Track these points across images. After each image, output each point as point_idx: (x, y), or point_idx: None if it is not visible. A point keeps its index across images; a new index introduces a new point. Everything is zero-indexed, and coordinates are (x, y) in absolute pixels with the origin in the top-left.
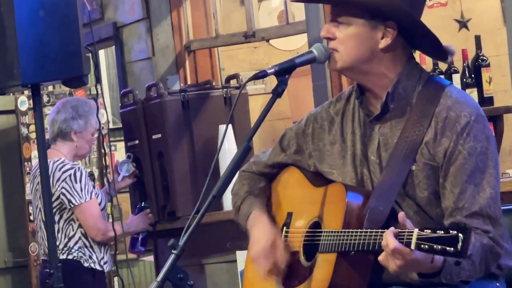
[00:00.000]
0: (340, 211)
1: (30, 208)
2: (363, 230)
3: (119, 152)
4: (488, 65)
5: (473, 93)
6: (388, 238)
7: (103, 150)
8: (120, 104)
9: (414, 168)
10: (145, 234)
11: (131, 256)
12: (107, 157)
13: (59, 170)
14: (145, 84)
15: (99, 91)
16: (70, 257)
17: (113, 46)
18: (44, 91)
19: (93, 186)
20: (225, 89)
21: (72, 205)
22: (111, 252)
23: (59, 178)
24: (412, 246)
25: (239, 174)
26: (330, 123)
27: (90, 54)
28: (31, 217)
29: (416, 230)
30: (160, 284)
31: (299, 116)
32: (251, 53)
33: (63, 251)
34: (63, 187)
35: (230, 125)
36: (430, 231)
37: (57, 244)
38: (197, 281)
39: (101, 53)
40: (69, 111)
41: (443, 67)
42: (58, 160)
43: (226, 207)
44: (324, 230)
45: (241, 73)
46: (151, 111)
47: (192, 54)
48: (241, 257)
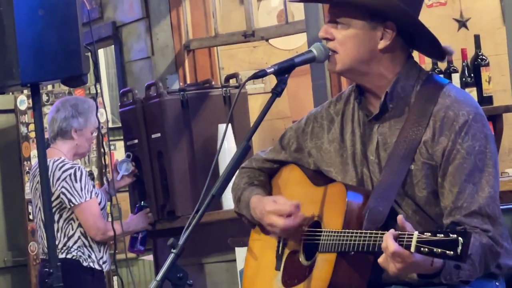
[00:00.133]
0: (340, 211)
1: (30, 207)
2: (363, 231)
3: (119, 151)
4: (488, 65)
5: (473, 93)
6: (388, 241)
7: (103, 149)
8: (120, 104)
9: (413, 168)
10: (145, 234)
11: (131, 256)
12: (107, 156)
13: (59, 170)
14: (145, 84)
15: (99, 90)
16: (69, 257)
17: (113, 46)
18: (44, 90)
19: (93, 186)
20: (225, 89)
21: (72, 205)
22: (111, 252)
23: (59, 178)
24: (412, 249)
25: (239, 171)
26: (330, 123)
27: (90, 54)
28: (31, 216)
29: (416, 233)
30: (160, 283)
31: (299, 116)
32: (251, 53)
33: (62, 251)
34: (63, 187)
35: (230, 125)
36: (430, 234)
37: (57, 244)
38: (197, 280)
39: (101, 53)
40: (69, 110)
41: (443, 67)
42: (58, 160)
43: (226, 207)
44: (324, 230)
45: (241, 73)
46: (151, 111)
47: (192, 54)
48: (241, 256)
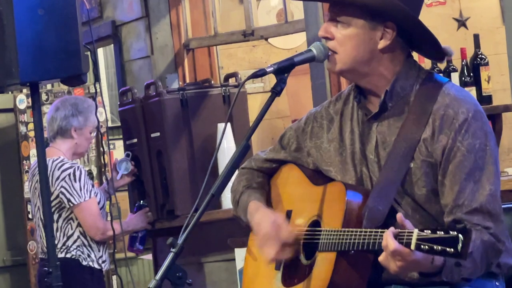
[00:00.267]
0: (340, 210)
1: (29, 207)
2: (363, 230)
3: (118, 151)
4: (487, 64)
5: (472, 92)
6: (388, 239)
7: (102, 149)
8: (119, 103)
9: (412, 166)
10: (144, 233)
11: (130, 255)
12: (106, 156)
13: (58, 169)
14: (144, 83)
15: (98, 90)
16: (69, 256)
17: (112, 45)
18: (43, 90)
19: (92, 185)
20: (224, 88)
21: (72, 204)
22: (110, 251)
23: (58, 177)
24: (412, 247)
25: (238, 171)
26: (330, 122)
27: (89, 53)
28: (30, 216)
29: (416, 231)
30: (159, 283)
31: (298, 115)
32: (250, 52)
33: (62, 250)
34: (62, 186)
35: (229, 124)
36: (430, 232)
37: (56, 243)
38: (196, 280)
39: (100, 52)
40: (69, 108)
41: (442, 66)
42: (57, 159)
43: (225, 206)
44: (324, 229)
45: (240, 72)
46: (150, 110)
47: (191, 53)
48: (240, 255)
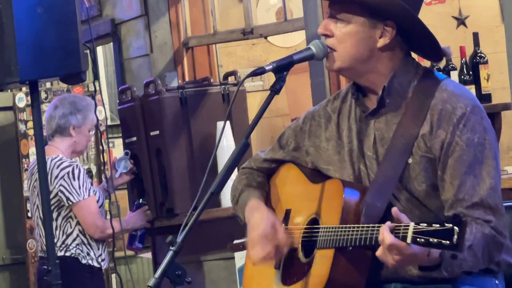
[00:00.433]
0: (338, 207)
1: (28, 205)
2: (360, 225)
3: (117, 149)
4: (486, 62)
5: (471, 90)
6: (384, 233)
7: (101, 147)
8: (118, 101)
9: (411, 162)
10: (143, 231)
11: (129, 253)
12: (105, 154)
13: (57, 168)
14: (143, 81)
15: (97, 88)
16: (68, 254)
17: (111, 43)
18: (42, 88)
19: (91, 183)
20: (223, 86)
21: (70, 203)
22: (109, 249)
23: (57, 176)
24: (408, 240)
25: (239, 171)
26: (327, 121)
27: (88, 51)
28: (29, 214)
29: (412, 224)
30: (158, 281)
31: (297, 113)
32: (249, 50)
33: (61, 248)
34: (61, 185)
35: (228, 122)
36: (426, 225)
37: (55, 241)
38: (195, 278)
39: (99, 50)
40: (67, 107)
41: (441, 65)
42: (56, 158)
43: (224, 204)
44: (322, 226)
45: (239, 70)
46: (149, 108)
47: (190, 51)
48: (239, 254)
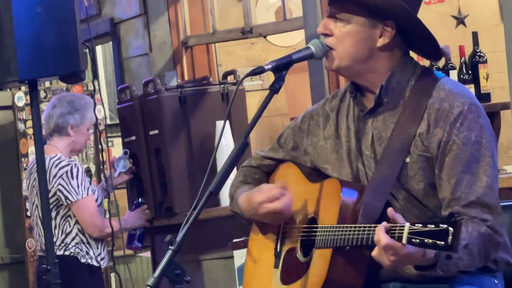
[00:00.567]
0: (335, 207)
1: (27, 204)
2: (357, 225)
3: (116, 148)
4: (485, 62)
5: (470, 89)
6: (380, 234)
7: (100, 146)
8: (117, 100)
9: (409, 161)
10: (142, 230)
11: (129, 252)
12: (104, 153)
13: (56, 167)
14: (142, 80)
15: (96, 87)
16: (67, 253)
17: (110, 42)
18: (41, 87)
19: (90, 182)
20: (222, 85)
21: (69, 202)
22: (108, 248)
23: (56, 175)
24: (404, 241)
25: (238, 170)
26: (325, 120)
27: (87, 50)
28: (28, 213)
29: (408, 225)
30: (158, 280)
31: (296, 113)
32: (249, 49)
33: (60, 247)
34: (60, 184)
35: (227, 121)
36: (421, 225)
37: (54, 240)
38: (194, 277)
39: (98, 49)
40: (65, 106)
41: (440, 64)
42: (55, 157)
43: (223, 204)
44: (320, 226)
45: (238, 69)
46: (148, 107)
47: (189, 50)
48: (239, 253)
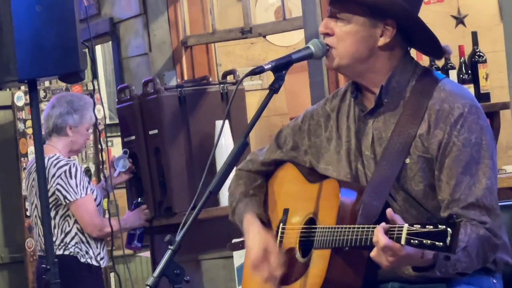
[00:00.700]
0: (334, 207)
1: (27, 204)
2: (356, 226)
3: (116, 148)
4: (485, 61)
5: (470, 89)
6: (379, 235)
7: (100, 146)
8: (117, 100)
9: (408, 162)
10: (142, 230)
11: (128, 252)
12: (104, 153)
13: (54, 166)
14: (142, 80)
15: (96, 87)
16: (67, 253)
17: (110, 42)
18: (41, 87)
19: (88, 182)
20: (222, 85)
21: (68, 201)
22: (108, 248)
23: (54, 174)
24: (402, 242)
25: (236, 173)
26: (326, 120)
27: (87, 50)
28: (28, 213)
29: (406, 225)
30: (157, 280)
31: (296, 112)
32: (248, 49)
33: (60, 247)
34: (58, 183)
35: (227, 121)
36: (420, 226)
37: (54, 240)
38: (194, 277)
39: (98, 49)
40: (64, 106)
41: (440, 64)
42: (53, 157)
43: (223, 203)
44: (319, 226)
45: (238, 69)
46: (148, 107)
47: (189, 50)
48: (238, 253)
